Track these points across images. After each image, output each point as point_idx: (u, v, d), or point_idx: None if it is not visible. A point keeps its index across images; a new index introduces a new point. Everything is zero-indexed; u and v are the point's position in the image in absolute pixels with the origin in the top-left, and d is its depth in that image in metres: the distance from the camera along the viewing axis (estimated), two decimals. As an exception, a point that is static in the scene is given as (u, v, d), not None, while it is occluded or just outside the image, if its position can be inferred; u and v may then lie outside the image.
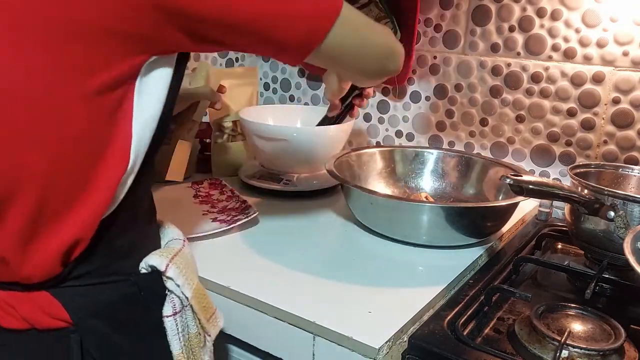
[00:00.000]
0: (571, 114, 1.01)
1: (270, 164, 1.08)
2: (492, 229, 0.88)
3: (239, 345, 0.74)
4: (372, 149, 1.07)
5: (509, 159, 1.09)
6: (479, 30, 1.08)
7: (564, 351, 0.59)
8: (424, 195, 1.01)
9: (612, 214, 0.74)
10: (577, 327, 0.64)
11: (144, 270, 0.57)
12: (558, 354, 0.58)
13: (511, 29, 1.04)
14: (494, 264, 0.82)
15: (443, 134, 1.18)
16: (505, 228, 0.92)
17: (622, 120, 0.97)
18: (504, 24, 1.05)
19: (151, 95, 0.51)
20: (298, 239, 0.87)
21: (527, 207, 1.01)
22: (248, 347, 0.72)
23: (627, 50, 0.94)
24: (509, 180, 0.70)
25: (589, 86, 0.99)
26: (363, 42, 0.61)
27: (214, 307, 0.63)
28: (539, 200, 1.02)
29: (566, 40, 0.99)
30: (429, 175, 1.06)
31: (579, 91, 1.00)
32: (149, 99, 0.51)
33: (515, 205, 0.86)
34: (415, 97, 1.19)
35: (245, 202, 0.96)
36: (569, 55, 1.00)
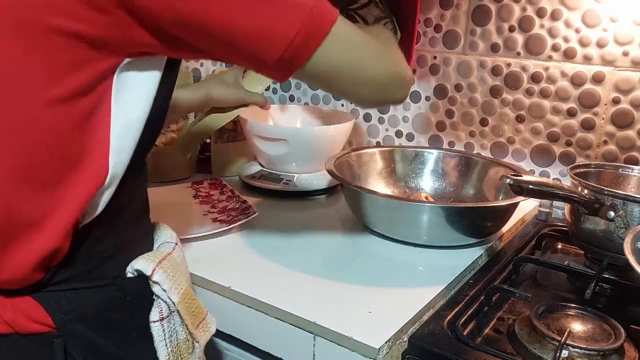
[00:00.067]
0: (571, 114, 1.01)
1: (270, 164, 1.08)
2: (492, 229, 0.88)
3: (239, 345, 0.74)
4: (372, 149, 1.06)
5: (509, 159, 1.09)
6: (479, 30, 1.08)
7: (564, 351, 0.59)
8: (424, 195, 1.01)
9: (612, 214, 0.74)
10: (577, 327, 0.64)
11: (130, 275, 0.56)
12: (558, 354, 0.58)
13: (511, 29, 1.04)
14: (494, 264, 0.82)
15: (443, 134, 1.18)
16: (505, 228, 0.92)
17: (622, 120, 0.97)
18: (504, 24, 1.05)
19: (133, 99, 0.49)
20: (298, 239, 0.87)
21: (527, 207, 1.01)
22: (248, 347, 0.72)
23: (627, 50, 0.94)
24: (509, 180, 0.70)
25: (589, 86, 0.99)
26: (360, 65, 0.53)
27: (205, 312, 0.62)
28: (539, 200, 1.02)
29: (566, 40, 0.99)
30: (429, 175, 1.06)
31: (579, 91, 1.00)
32: (131, 104, 0.49)
33: (515, 205, 0.86)
34: (415, 97, 1.19)
35: (245, 202, 0.96)
36: (569, 55, 1.00)
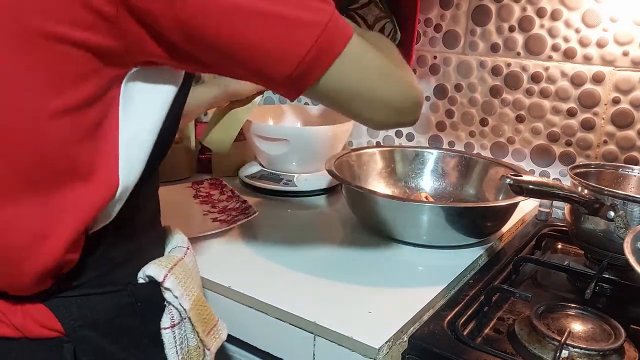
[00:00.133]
0: (571, 114, 1.01)
1: (271, 164, 1.08)
2: (492, 229, 0.88)
3: (239, 345, 0.74)
4: (372, 149, 1.06)
5: (509, 159, 1.09)
6: (479, 30, 1.08)
7: (564, 351, 0.59)
8: (424, 195, 1.01)
9: (612, 214, 0.74)
10: (577, 327, 0.64)
11: (141, 280, 0.55)
12: (558, 354, 0.58)
13: (511, 29, 1.04)
14: (494, 264, 0.81)
15: (443, 134, 1.18)
16: (505, 228, 0.92)
17: (622, 120, 0.97)
18: (504, 24, 1.05)
19: (142, 109, 0.48)
20: (298, 239, 0.87)
21: (527, 207, 1.01)
22: (248, 347, 0.72)
23: (627, 50, 0.94)
24: (509, 180, 0.70)
25: (589, 86, 0.99)
26: (373, 86, 0.51)
27: (216, 318, 0.61)
28: (539, 200, 1.02)
29: (566, 40, 0.99)
30: (429, 175, 1.06)
31: (579, 91, 1.00)
32: (140, 114, 0.48)
33: (515, 205, 0.86)
34: (415, 97, 1.19)
35: (245, 202, 0.96)
36: (569, 55, 1.00)
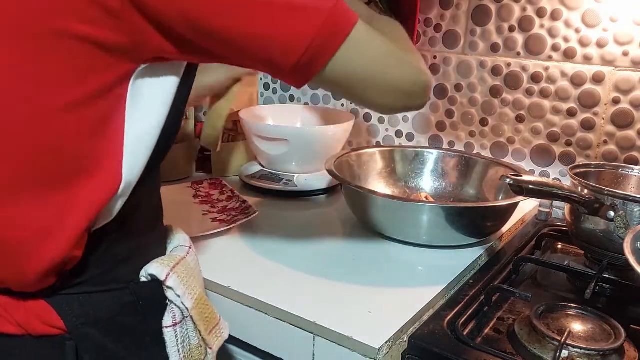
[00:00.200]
0: (571, 114, 1.01)
1: (270, 164, 1.08)
2: (492, 229, 0.88)
3: (239, 345, 0.74)
4: (372, 149, 1.06)
5: (509, 159, 1.09)
6: (479, 30, 1.08)
7: (564, 351, 0.59)
8: (424, 195, 1.00)
9: (612, 214, 0.74)
10: (577, 327, 0.64)
11: (143, 279, 0.55)
12: (558, 354, 0.58)
13: (511, 29, 1.04)
14: (494, 264, 0.81)
15: (443, 134, 1.18)
16: (505, 228, 0.92)
17: (622, 120, 0.97)
18: (504, 24, 1.05)
19: (148, 107, 0.48)
20: (298, 239, 0.87)
21: (527, 207, 1.01)
22: (248, 347, 0.72)
23: (627, 50, 0.94)
24: (509, 180, 0.70)
25: (589, 86, 0.99)
26: (382, 70, 0.51)
27: (218, 317, 0.61)
28: (539, 200, 1.02)
29: (566, 40, 0.99)
30: (429, 175, 1.06)
31: (579, 91, 1.00)
32: (146, 112, 0.48)
33: (515, 205, 0.86)
34: (415, 97, 1.19)
35: (245, 202, 0.96)
36: (569, 55, 1.00)
